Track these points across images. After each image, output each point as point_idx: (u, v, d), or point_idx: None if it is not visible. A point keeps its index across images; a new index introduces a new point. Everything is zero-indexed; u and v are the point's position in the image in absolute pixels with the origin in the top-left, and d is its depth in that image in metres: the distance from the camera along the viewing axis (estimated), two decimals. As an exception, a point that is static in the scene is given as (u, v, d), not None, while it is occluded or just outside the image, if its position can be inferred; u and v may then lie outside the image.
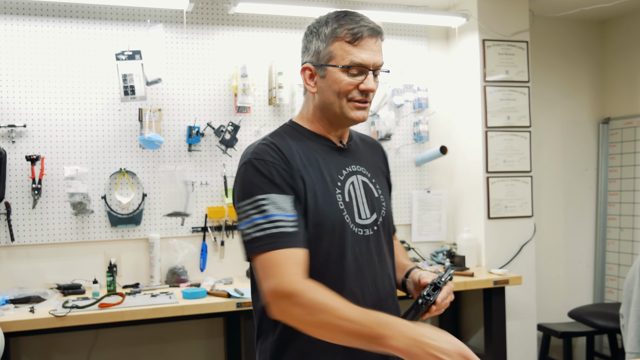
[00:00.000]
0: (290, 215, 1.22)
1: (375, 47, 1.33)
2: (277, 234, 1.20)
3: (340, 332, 1.12)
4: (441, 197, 3.65)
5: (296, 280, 1.17)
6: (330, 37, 1.31)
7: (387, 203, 1.44)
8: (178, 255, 3.07)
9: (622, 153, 3.96)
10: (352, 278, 1.31)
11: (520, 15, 3.53)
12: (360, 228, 1.34)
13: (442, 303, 1.30)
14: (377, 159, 1.50)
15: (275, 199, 1.22)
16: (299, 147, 1.32)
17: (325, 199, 1.28)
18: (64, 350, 2.99)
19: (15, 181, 2.88)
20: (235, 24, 3.26)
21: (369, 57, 1.31)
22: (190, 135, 3.10)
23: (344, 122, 1.35)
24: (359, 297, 1.30)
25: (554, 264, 3.97)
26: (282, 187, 1.24)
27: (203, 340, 3.23)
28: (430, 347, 1.05)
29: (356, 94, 1.31)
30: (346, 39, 1.30)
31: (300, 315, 1.15)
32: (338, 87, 1.30)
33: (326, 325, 1.13)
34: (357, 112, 1.33)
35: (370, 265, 1.34)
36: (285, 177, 1.25)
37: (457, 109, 3.65)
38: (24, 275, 2.89)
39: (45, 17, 2.95)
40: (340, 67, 1.29)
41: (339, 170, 1.35)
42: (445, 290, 1.31)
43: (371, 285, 1.34)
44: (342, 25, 1.30)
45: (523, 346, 3.50)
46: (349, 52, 1.30)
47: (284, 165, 1.26)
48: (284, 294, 1.16)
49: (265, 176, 1.24)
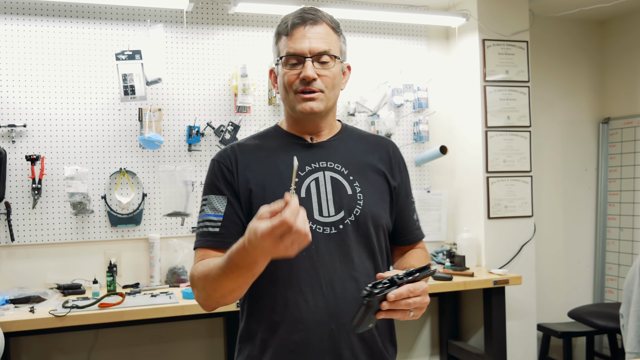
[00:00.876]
0: (219, 215, 1.31)
1: (311, 34, 1.31)
2: (203, 233, 1.32)
3: (220, 287, 1.18)
4: (441, 197, 3.65)
5: (192, 268, 1.29)
6: (275, 36, 1.37)
7: (370, 202, 1.35)
8: (178, 255, 3.07)
9: (622, 153, 3.96)
10: (303, 276, 1.28)
11: (520, 15, 3.53)
12: (319, 225, 1.30)
13: (401, 301, 1.08)
14: (374, 157, 1.42)
15: (211, 200, 1.33)
16: (265, 145, 1.38)
17: (276, 194, 1.26)
18: (64, 350, 2.99)
19: (15, 181, 2.88)
20: (235, 24, 3.26)
21: (301, 45, 1.30)
22: (190, 135, 3.11)
23: (299, 115, 1.34)
24: (309, 296, 1.27)
25: (554, 264, 3.97)
26: (220, 187, 1.33)
27: (203, 340, 3.23)
28: (250, 245, 1.04)
29: (299, 84, 1.31)
30: (283, 33, 1.33)
31: (196, 294, 1.27)
32: (282, 81, 1.34)
33: (210, 289, 1.21)
34: (304, 104, 1.31)
35: (327, 265, 1.29)
36: (227, 176, 1.33)
37: (457, 109, 3.65)
38: (24, 275, 2.89)
39: (45, 17, 2.95)
40: (278, 59, 1.34)
41: (300, 166, 1.34)
42: (405, 287, 1.09)
43: (325, 285, 1.28)
44: (282, 22, 1.35)
45: (523, 346, 3.50)
46: (285, 44, 1.32)
47: (229, 164, 1.34)
48: (190, 281, 1.29)
49: (210, 177, 1.36)
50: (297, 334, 1.28)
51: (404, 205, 1.45)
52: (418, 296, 1.10)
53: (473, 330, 3.60)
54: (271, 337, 1.30)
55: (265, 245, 1.01)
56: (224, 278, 1.15)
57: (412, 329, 3.69)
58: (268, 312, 1.30)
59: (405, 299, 1.09)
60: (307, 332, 1.28)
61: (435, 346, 3.73)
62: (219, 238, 1.29)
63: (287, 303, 1.28)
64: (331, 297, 1.28)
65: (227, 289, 1.18)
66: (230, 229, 1.30)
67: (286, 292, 1.28)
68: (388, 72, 3.53)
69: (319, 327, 1.28)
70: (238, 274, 1.13)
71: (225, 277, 1.15)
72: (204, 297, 1.25)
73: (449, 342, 3.61)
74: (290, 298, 1.28)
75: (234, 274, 1.13)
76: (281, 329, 1.29)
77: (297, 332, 1.28)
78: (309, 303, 1.28)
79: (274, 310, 1.29)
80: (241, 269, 1.11)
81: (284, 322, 1.29)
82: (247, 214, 1.31)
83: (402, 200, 1.44)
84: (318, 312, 1.28)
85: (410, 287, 1.09)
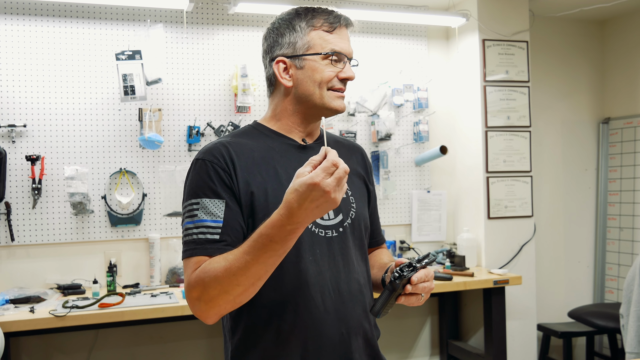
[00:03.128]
0: (217, 221, 1.20)
1: (348, 38, 1.34)
2: (200, 240, 1.19)
3: (245, 277, 1.10)
4: (441, 197, 3.65)
5: (192, 275, 1.17)
6: (306, 27, 1.30)
7: (360, 206, 1.38)
8: (178, 255, 3.07)
9: (622, 153, 3.96)
10: (312, 281, 1.25)
11: (520, 15, 3.53)
12: (321, 229, 1.28)
13: (419, 285, 1.17)
14: (353, 161, 1.45)
15: (206, 204, 1.21)
16: (256, 146, 1.31)
17: (278, 198, 1.18)
18: (64, 350, 2.99)
19: (15, 181, 2.88)
20: (235, 24, 3.26)
21: (346, 46, 1.31)
22: (190, 135, 3.11)
23: (324, 113, 1.31)
24: (319, 301, 1.24)
25: (554, 264, 3.97)
26: (216, 190, 1.22)
27: (203, 340, 3.23)
28: (296, 202, 1.03)
29: (336, 82, 1.30)
30: (324, 28, 1.30)
31: (201, 305, 1.15)
32: (320, 76, 1.28)
33: (231, 285, 1.11)
34: (338, 101, 1.31)
35: (332, 268, 1.28)
36: (224, 178, 1.23)
37: (457, 109, 3.65)
38: (24, 275, 2.89)
39: (45, 17, 2.95)
40: (323, 54, 1.28)
41: (297, 168, 1.31)
42: (422, 272, 1.18)
43: (333, 289, 1.27)
44: (316, 16, 1.31)
45: (523, 346, 3.50)
46: (328, 40, 1.29)
47: (224, 165, 1.24)
48: (189, 292, 1.18)
49: (202, 178, 1.23)
50: (310, 341, 1.24)
51: (374, 209, 1.51)
52: (428, 281, 1.20)
53: (473, 330, 3.60)
54: (280, 347, 1.23)
55: (316, 194, 1.01)
56: (254, 262, 1.08)
57: (412, 329, 3.70)
58: (274, 320, 1.24)
59: (422, 283, 1.18)
60: (320, 338, 1.24)
61: (435, 346, 3.73)
62: (221, 245, 1.18)
63: (297, 309, 1.23)
64: (339, 301, 1.27)
65: (254, 277, 1.10)
66: (232, 236, 1.20)
67: (296, 298, 1.23)
68: (388, 72, 3.53)
69: (330, 332, 1.25)
70: (271, 252, 1.07)
71: (256, 260, 1.08)
72: (217, 301, 1.14)
73: (449, 342, 3.61)
74: (300, 304, 1.23)
75: (267, 254, 1.07)
76: (292, 337, 1.23)
77: (309, 338, 1.24)
78: (320, 308, 1.24)
79: (281, 318, 1.23)
80: (276, 244, 1.06)
81: (295, 330, 1.23)
82: (248, 220, 1.24)
83: (372, 204, 1.49)
84: (329, 317, 1.25)
85: (425, 272, 1.19)
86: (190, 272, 1.18)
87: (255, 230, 1.09)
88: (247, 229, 1.24)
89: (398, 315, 3.63)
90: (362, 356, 1.31)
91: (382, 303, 1.17)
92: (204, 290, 1.14)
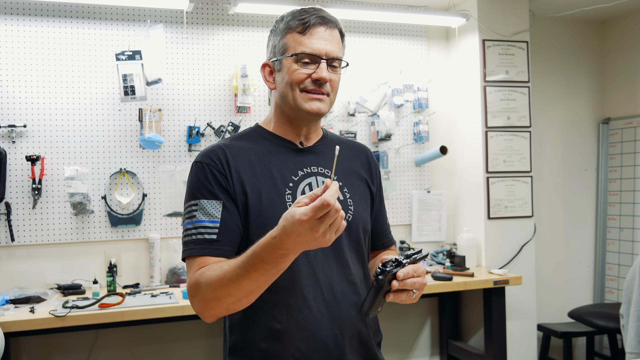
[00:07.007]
0: (215, 221, 1.23)
1: (328, 37, 1.30)
2: (198, 241, 1.23)
3: (237, 289, 1.12)
4: (441, 197, 3.65)
5: (193, 276, 1.21)
6: (283, 30, 1.32)
7: (358, 208, 1.37)
8: (178, 255, 3.07)
9: (622, 153, 3.96)
10: (305, 282, 1.26)
11: (520, 15, 3.53)
12: None
13: (407, 280, 1.13)
14: (356, 163, 1.44)
15: (204, 205, 1.24)
16: (254, 148, 1.32)
17: (271, 200, 1.25)
18: (64, 350, 2.99)
19: (15, 181, 2.88)
20: (235, 24, 3.26)
21: (320, 46, 1.29)
22: (190, 136, 3.11)
23: (300, 114, 1.31)
24: (312, 302, 1.25)
25: (554, 264, 3.97)
26: (214, 191, 1.25)
27: (203, 340, 3.23)
28: (285, 233, 1.02)
29: (309, 83, 1.29)
30: (297, 30, 1.30)
31: (200, 304, 1.19)
32: (290, 78, 1.29)
33: (223, 294, 1.14)
34: (311, 103, 1.29)
35: (326, 270, 1.28)
36: (220, 179, 1.26)
37: (457, 109, 3.65)
38: (24, 275, 2.89)
39: (45, 17, 2.95)
40: (291, 55, 1.29)
41: (293, 171, 1.32)
42: (410, 267, 1.15)
43: (327, 291, 1.27)
44: (295, 17, 1.31)
45: (523, 346, 3.50)
46: (300, 42, 1.29)
47: (221, 167, 1.27)
48: (189, 291, 1.22)
49: (200, 180, 1.27)
50: (303, 342, 1.25)
51: (380, 210, 1.49)
52: (419, 276, 1.16)
53: (473, 331, 3.60)
54: (273, 347, 1.25)
55: (302, 231, 0.99)
56: (245, 278, 1.09)
57: (412, 329, 3.70)
58: (268, 320, 1.25)
59: (410, 278, 1.14)
60: (313, 340, 1.25)
61: (435, 346, 3.73)
62: (218, 245, 1.21)
63: (290, 310, 1.25)
64: (333, 302, 1.28)
65: (245, 291, 1.12)
66: (229, 236, 1.23)
67: (289, 299, 1.25)
68: (388, 73, 3.53)
69: (324, 333, 1.26)
70: (262, 271, 1.08)
71: (247, 276, 1.09)
72: (212, 305, 1.17)
73: (449, 342, 3.61)
74: (293, 305, 1.25)
75: (258, 272, 1.08)
76: (285, 338, 1.25)
77: (302, 339, 1.25)
78: (313, 309, 1.25)
79: (275, 319, 1.25)
80: (267, 264, 1.06)
81: (288, 330, 1.24)
82: (243, 220, 1.26)
83: (377, 206, 1.48)
84: (322, 318, 1.26)
85: (414, 267, 1.15)
86: (191, 273, 1.22)
87: (251, 247, 1.10)
88: (244, 229, 1.26)
89: (398, 315, 3.63)
90: (357, 358, 1.31)
91: (369, 301, 1.13)
92: (199, 293, 1.18)
